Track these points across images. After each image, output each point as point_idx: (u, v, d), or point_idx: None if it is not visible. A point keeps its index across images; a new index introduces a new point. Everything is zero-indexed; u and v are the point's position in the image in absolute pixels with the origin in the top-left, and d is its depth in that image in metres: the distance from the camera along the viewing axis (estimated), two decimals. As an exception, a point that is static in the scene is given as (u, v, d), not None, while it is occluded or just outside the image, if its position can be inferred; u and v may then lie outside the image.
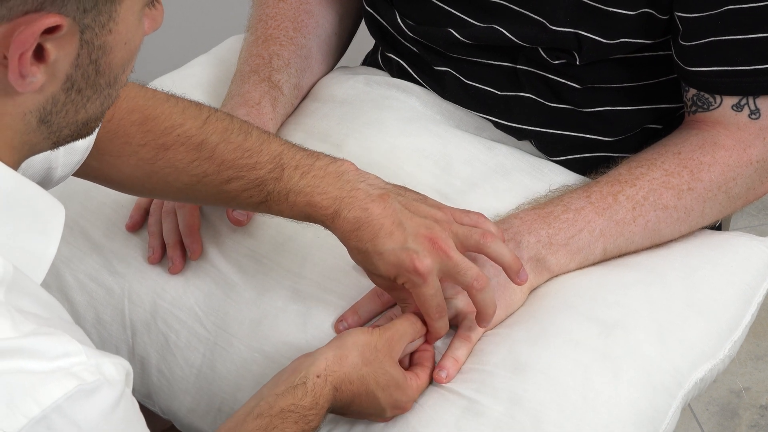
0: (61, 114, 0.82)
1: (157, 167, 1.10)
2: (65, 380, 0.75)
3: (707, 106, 1.22)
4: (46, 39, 0.76)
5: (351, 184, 1.08)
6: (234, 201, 1.11)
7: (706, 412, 1.97)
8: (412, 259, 1.06)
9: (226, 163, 1.09)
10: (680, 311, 1.16)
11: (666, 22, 1.21)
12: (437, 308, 1.08)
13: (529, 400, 1.07)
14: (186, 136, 1.10)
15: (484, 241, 1.09)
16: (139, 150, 1.09)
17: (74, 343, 0.77)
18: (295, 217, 1.09)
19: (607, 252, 1.19)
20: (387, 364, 1.05)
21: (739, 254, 1.23)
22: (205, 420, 1.20)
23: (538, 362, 1.10)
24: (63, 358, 0.76)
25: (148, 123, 1.10)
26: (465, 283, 1.08)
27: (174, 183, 1.11)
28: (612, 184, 1.20)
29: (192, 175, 1.10)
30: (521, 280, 1.11)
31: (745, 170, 1.21)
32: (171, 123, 1.10)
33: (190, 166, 1.10)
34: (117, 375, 0.78)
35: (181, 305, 1.21)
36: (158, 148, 1.09)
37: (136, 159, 1.10)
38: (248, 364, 1.16)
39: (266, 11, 1.38)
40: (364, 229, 1.06)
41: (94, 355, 0.78)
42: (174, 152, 1.09)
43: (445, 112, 1.34)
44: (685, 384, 1.13)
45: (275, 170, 1.09)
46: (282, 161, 1.09)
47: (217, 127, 1.11)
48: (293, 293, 1.18)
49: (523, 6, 1.23)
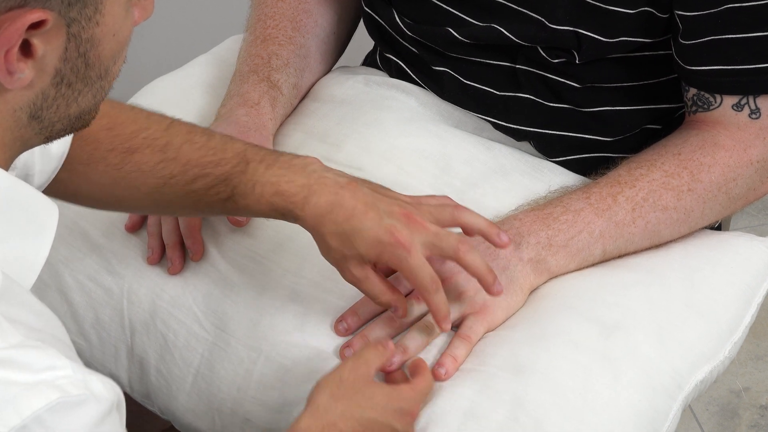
0: (52, 109, 0.81)
1: (124, 172, 1.10)
2: (48, 392, 0.75)
3: (707, 105, 1.22)
4: (32, 34, 0.76)
5: (318, 173, 1.07)
6: (201, 201, 1.10)
7: (706, 412, 1.97)
8: (392, 232, 1.05)
9: (191, 162, 1.09)
10: (680, 312, 1.16)
11: (666, 20, 1.21)
12: (431, 279, 1.06)
13: (530, 402, 1.07)
14: (151, 138, 1.10)
15: (458, 212, 1.09)
16: (107, 155, 1.09)
17: (61, 357, 0.76)
18: (262, 210, 1.08)
19: (607, 253, 1.19)
20: (361, 386, 1.03)
21: (739, 254, 1.23)
22: (203, 420, 1.20)
23: (539, 364, 1.09)
24: (48, 371, 0.75)
25: (116, 128, 1.10)
26: (450, 249, 1.07)
27: (141, 187, 1.10)
28: (611, 185, 1.20)
29: (158, 177, 1.10)
30: (504, 242, 1.10)
31: (745, 170, 1.21)
32: (137, 127, 1.10)
33: (156, 167, 1.09)
34: (105, 392, 0.77)
35: (180, 305, 1.21)
36: (125, 152, 1.09)
37: (104, 165, 1.10)
38: (247, 364, 1.16)
39: (265, 11, 1.38)
40: (338, 212, 1.05)
41: (81, 371, 0.77)
42: (140, 155, 1.09)
43: (444, 112, 1.34)
44: (686, 386, 1.13)
45: (240, 164, 1.08)
46: (246, 156, 1.09)
47: (181, 130, 1.11)
48: (292, 293, 1.18)
49: (522, 4, 1.23)
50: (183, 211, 1.15)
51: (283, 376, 1.15)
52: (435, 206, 1.10)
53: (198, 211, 1.13)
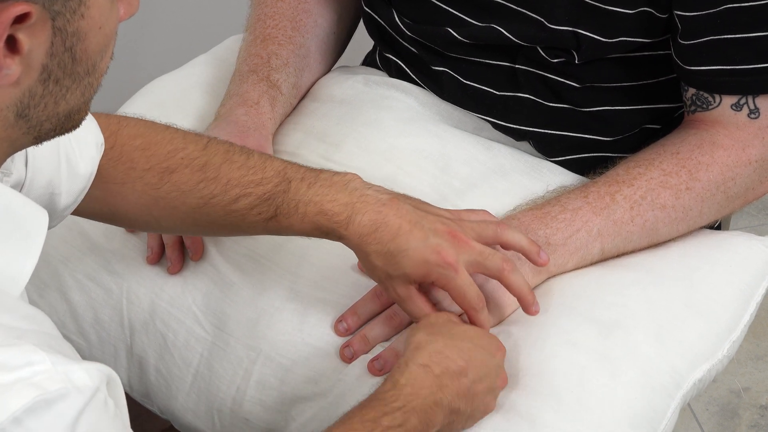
0: (40, 107, 0.80)
1: (163, 192, 1.09)
2: (25, 391, 0.73)
3: (706, 105, 1.22)
4: (17, 29, 0.75)
5: (359, 191, 1.07)
6: (243, 221, 1.09)
7: (706, 412, 1.97)
8: (439, 251, 1.05)
9: (232, 182, 1.08)
10: (679, 311, 1.16)
11: (665, 20, 1.21)
12: (477, 297, 1.07)
13: (522, 404, 1.07)
14: (190, 158, 1.09)
15: (500, 229, 1.10)
16: (144, 175, 1.09)
17: (38, 352, 0.75)
18: (305, 229, 1.08)
19: (605, 252, 1.19)
20: (452, 327, 1.05)
21: (738, 254, 1.23)
22: (203, 419, 1.20)
23: (534, 364, 1.10)
24: (25, 367, 0.74)
25: (151, 148, 1.09)
26: (495, 268, 1.08)
27: (180, 207, 1.09)
28: (610, 184, 1.20)
29: (198, 198, 1.09)
30: (543, 261, 1.12)
31: (743, 170, 1.21)
32: (174, 146, 1.09)
33: (196, 188, 1.09)
34: (89, 381, 0.76)
35: (180, 305, 1.21)
36: (163, 171, 1.09)
37: (142, 184, 1.09)
38: (246, 363, 1.16)
39: (265, 11, 1.38)
40: (382, 230, 1.05)
41: (62, 363, 0.75)
42: (179, 175, 1.09)
43: (443, 112, 1.34)
44: (684, 384, 1.13)
45: (282, 183, 1.08)
46: (287, 175, 1.08)
47: (219, 149, 1.10)
48: (291, 293, 1.18)
49: (521, 5, 1.23)
50: (223, 231, 1.13)
51: (282, 375, 1.15)
52: (477, 223, 1.10)
53: (239, 230, 1.12)
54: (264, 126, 1.28)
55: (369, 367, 1.11)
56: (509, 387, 1.08)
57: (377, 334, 1.13)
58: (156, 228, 1.17)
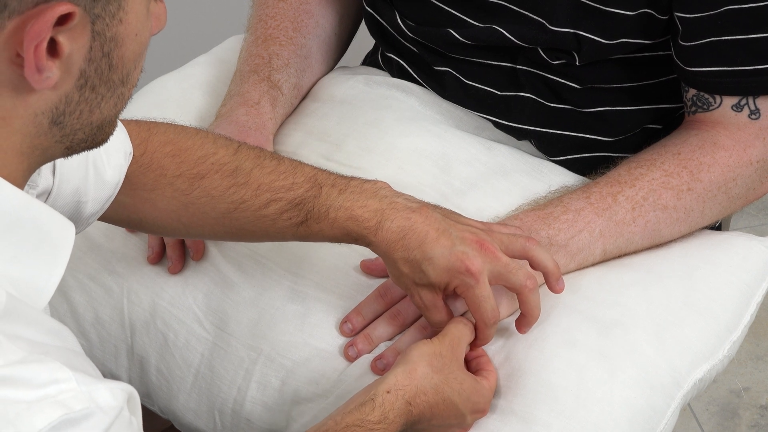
0: (75, 114, 0.80)
1: (193, 197, 1.09)
2: (50, 409, 0.73)
3: (707, 106, 1.22)
4: (59, 31, 0.75)
5: (389, 198, 1.07)
6: (273, 226, 1.09)
7: (706, 412, 1.97)
8: (463, 259, 1.05)
9: (263, 187, 1.08)
10: (679, 311, 1.16)
11: (665, 22, 1.21)
12: (492, 312, 1.07)
13: (519, 403, 1.07)
14: (220, 163, 1.09)
15: (530, 245, 1.09)
16: (175, 181, 1.08)
17: (65, 370, 0.74)
18: (335, 235, 1.08)
19: (607, 252, 1.19)
20: (455, 368, 1.04)
21: (739, 254, 1.23)
22: (203, 419, 1.20)
23: (532, 364, 1.10)
24: (51, 385, 0.73)
25: (181, 154, 1.09)
26: (517, 284, 1.07)
27: (211, 213, 1.09)
28: (611, 185, 1.20)
29: (229, 203, 1.09)
30: (560, 288, 1.11)
31: (744, 170, 1.21)
32: (204, 152, 1.09)
33: (227, 193, 1.09)
34: (113, 401, 0.76)
35: (180, 305, 1.21)
36: (193, 177, 1.08)
37: (172, 190, 1.09)
38: (247, 364, 1.16)
39: (266, 11, 1.38)
40: (410, 237, 1.05)
41: (87, 383, 0.75)
42: (209, 180, 1.08)
43: (444, 112, 1.34)
44: (684, 384, 1.13)
45: (313, 189, 1.08)
46: (318, 180, 1.08)
47: (249, 154, 1.10)
48: (292, 293, 1.18)
49: (522, 6, 1.23)
50: (253, 237, 1.13)
51: (283, 376, 1.15)
52: (507, 235, 1.10)
53: (268, 236, 1.12)
54: (265, 126, 1.28)
55: (372, 367, 1.11)
56: (507, 387, 1.08)
57: (381, 333, 1.13)
58: (186, 234, 1.16)
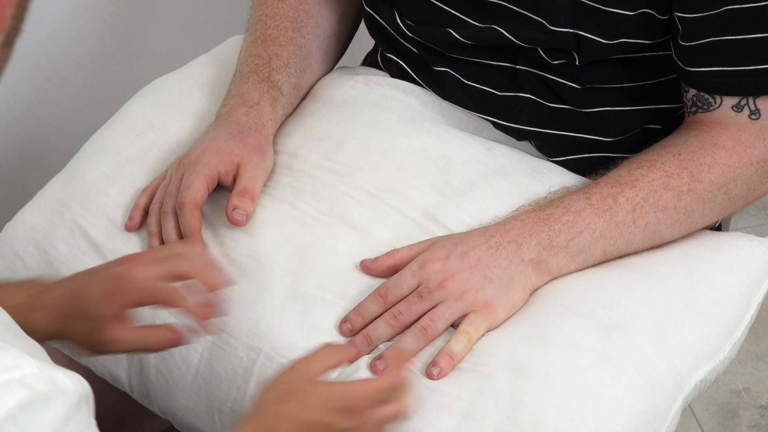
0: None
1: None
2: (17, 390, 0.74)
3: (707, 106, 1.22)
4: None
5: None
6: None
7: (706, 412, 1.97)
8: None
9: None
10: (679, 312, 1.16)
11: (665, 22, 1.21)
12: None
13: (529, 404, 1.07)
14: None
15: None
16: None
17: (25, 356, 0.76)
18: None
19: (607, 253, 1.19)
20: (301, 388, 1.00)
21: (739, 255, 1.23)
22: (203, 419, 1.20)
23: (538, 365, 1.09)
24: (15, 369, 0.75)
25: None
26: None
27: None
28: (612, 186, 1.20)
29: None
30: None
31: (745, 171, 1.21)
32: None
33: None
34: (72, 386, 0.77)
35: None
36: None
37: None
38: (246, 363, 1.16)
39: (265, 11, 1.38)
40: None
41: (46, 368, 0.77)
42: None
43: (444, 112, 1.34)
44: (685, 386, 1.13)
45: None
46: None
47: None
48: (292, 293, 1.18)
49: (522, 6, 1.23)
50: None
51: (283, 376, 1.15)
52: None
53: None
54: (264, 126, 1.28)
55: (371, 367, 1.11)
56: (510, 385, 1.08)
57: (380, 333, 1.13)
58: None
